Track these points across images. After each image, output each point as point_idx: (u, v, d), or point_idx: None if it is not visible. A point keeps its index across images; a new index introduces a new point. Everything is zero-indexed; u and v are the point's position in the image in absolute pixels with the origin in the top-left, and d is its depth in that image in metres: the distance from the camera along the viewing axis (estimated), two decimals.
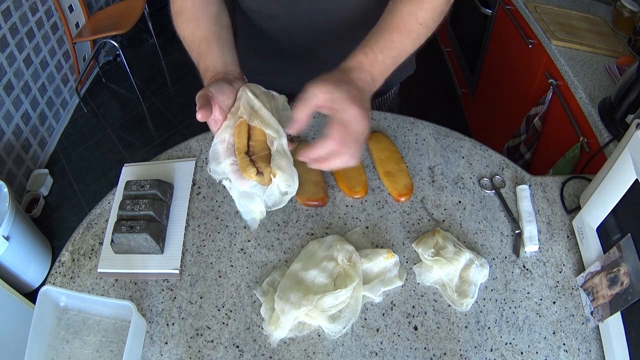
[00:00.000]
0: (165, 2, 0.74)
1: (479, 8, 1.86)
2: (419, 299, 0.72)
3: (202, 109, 0.55)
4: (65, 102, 2.54)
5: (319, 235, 0.79)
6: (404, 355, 0.67)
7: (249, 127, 0.59)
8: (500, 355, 0.67)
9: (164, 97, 2.66)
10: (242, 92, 0.60)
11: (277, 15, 0.82)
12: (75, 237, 0.80)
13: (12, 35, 2.03)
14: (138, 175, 0.87)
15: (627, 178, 0.65)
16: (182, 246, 0.78)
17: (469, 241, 0.78)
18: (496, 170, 0.88)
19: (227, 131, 0.59)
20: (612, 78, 1.23)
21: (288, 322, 0.67)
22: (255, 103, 0.60)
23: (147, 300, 0.73)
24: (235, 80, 0.62)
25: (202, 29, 0.68)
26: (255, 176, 0.56)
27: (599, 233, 0.72)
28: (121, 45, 2.51)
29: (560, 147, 1.31)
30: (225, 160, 0.58)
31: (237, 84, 0.62)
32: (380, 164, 0.87)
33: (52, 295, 0.70)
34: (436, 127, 0.95)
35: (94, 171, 2.29)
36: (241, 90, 0.61)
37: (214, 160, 0.59)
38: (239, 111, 0.59)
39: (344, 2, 0.79)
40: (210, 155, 0.60)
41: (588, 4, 1.56)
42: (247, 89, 0.61)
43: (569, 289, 0.73)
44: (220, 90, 0.59)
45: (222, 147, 0.58)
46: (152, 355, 0.67)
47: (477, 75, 2.11)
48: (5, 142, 2.00)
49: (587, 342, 0.68)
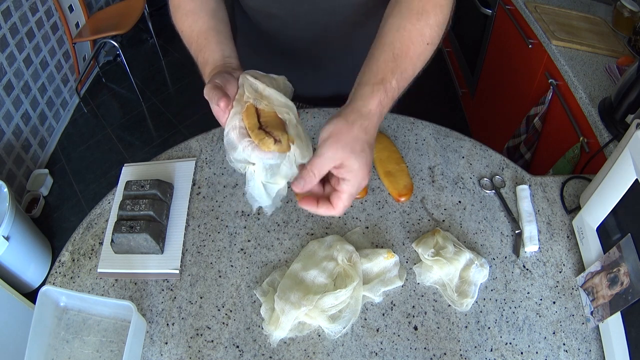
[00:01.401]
0: (165, 2, 0.74)
1: (479, 8, 1.86)
2: (419, 299, 0.72)
3: (224, 98, 0.55)
4: (65, 102, 2.54)
5: (319, 235, 0.79)
6: (404, 355, 0.67)
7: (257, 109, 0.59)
8: (500, 355, 0.67)
9: (164, 97, 2.66)
10: (243, 79, 0.61)
11: (277, 15, 0.82)
12: (75, 237, 0.80)
13: (12, 35, 2.03)
14: (138, 175, 0.87)
15: (627, 178, 0.65)
16: (182, 246, 0.78)
17: (469, 241, 0.78)
18: (496, 170, 0.88)
19: (236, 117, 0.58)
20: (612, 78, 1.23)
21: (288, 322, 0.67)
22: (259, 85, 0.60)
23: (147, 300, 0.73)
24: (235, 71, 0.62)
25: (200, 23, 0.68)
26: (274, 145, 0.55)
27: (599, 233, 0.72)
28: (121, 45, 2.51)
29: (560, 147, 1.31)
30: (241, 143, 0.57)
31: (237, 74, 0.62)
32: (380, 164, 0.87)
33: (52, 295, 0.70)
34: (436, 127, 0.95)
35: (94, 171, 2.29)
36: (241, 77, 0.61)
37: (231, 149, 0.58)
38: (244, 97, 0.59)
39: (345, 2, 0.79)
40: (226, 145, 0.59)
41: (588, 4, 1.56)
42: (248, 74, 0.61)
43: (569, 289, 0.73)
44: (225, 80, 0.59)
45: (235, 133, 0.57)
46: (152, 355, 0.67)
47: (477, 75, 2.11)
48: (5, 142, 2.00)
49: (587, 342, 0.68)
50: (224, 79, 0.60)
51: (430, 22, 0.61)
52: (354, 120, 0.53)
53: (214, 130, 0.95)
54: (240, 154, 0.58)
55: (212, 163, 0.90)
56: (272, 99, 0.59)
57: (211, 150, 0.92)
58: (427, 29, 0.61)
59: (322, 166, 0.52)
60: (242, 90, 0.60)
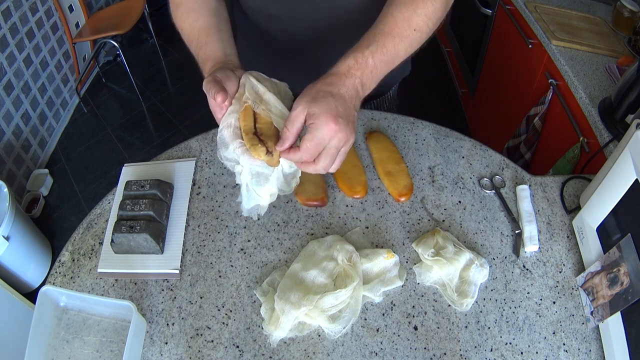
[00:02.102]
0: (165, 2, 0.74)
1: (479, 8, 1.86)
2: (419, 299, 0.72)
3: (221, 92, 0.57)
4: (65, 102, 2.54)
5: (319, 235, 0.79)
6: (404, 355, 0.67)
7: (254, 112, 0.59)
8: (500, 355, 0.67)
9: (164, 97, 2.66)
10: (246, 79, 0.61)
11: (276, 15, 0.82)
12: (75, 237, 0.80)
13: (12, 35, 2.03)
14: (138, 175, 0.87)
15: (627, 178, 0.65)
16: (182, 246, 0.78)
17: (469, 241, 0.78)
18: (496, 170, 0.88)
19: (232, 116, 0.59)
20: (612, 78, 1.23)
21: (288, 322, 0.67)
22: (260, 88, 0.60)
23: (147, 300, 0.73)
24: (236, 69, 0.63)
25: (201, 20, 0.69)
26: (265, 155, 0.56)
27: (599, 233, 0.72)
28: (121, 45, 2.51)
29: (560, 147, 1.31)
30: (232, 143, 0.57)
31: (238, 72, 0.62)
32: (380, 164, 0.87)
33: (52, 295, 0.70)
34: (436, 127, 0.95)
35: (94, 171, 2.29)
36: (244, 76, 0.61)
37: (223, 147, 0.59)
38: (243, 96, 0.59)
39: (345, 2, 0.79)
40: (218, 142, 0.59)
41: (588, 4, 1.56)
42: (250, 75, 0.61)
43: (569, 289, 0.73)
44: (225, 76, 0.60)
45: (229, 131, 0.58)
46: (152, 355, 0.67)
47: (477, 75, 2.11)
48: (5, 142, 2.00)
49: (587, 342, 0.68)
50: (225, 74, 0.60)
51: (419, 12, 0.63)
52: (318, 80, 0.58)
53: (214, 130, 0.95)
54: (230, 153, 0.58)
55: (212, 163, 0.90)
56: (270, 104, 0.60)
57: (211, 150, 0.92)
58: (414, 17, 0.63)
59: (294, 120, 0.56)
60: (242, 89, 0.60)
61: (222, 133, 0.59)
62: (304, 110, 0.55)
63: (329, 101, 0.55)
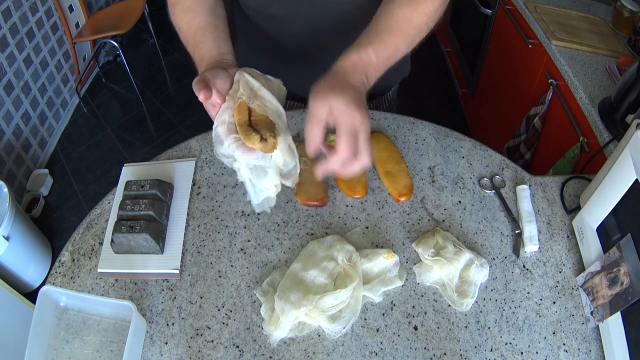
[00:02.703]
0: (165, 1, 0.74)
1: (479, 8, 1.86)
2: (419, 299, 0.72)
3: (203, 90, 0.57)
4: (65, 102, 2.54)
5: (319, 235, 0.79)
6: (404, 355, 0.67)
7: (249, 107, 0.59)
8: (500, 355, 0.67)
9: (164, 97, 2.66)
10: (240, 75, 0.61)
11: (276, 15, 0.82)
12: (75, 237, 0.80)
13: (12, 35, 2.03)
14: (138, 175, 0.87)
15: (627, 178, 0.65)
16: (182, 246, 0.78)
17: (469, 241, 0.78)
18: (496, 170, 0.88)
19: (226, 112, 0.59)
20: (612, 78, 1.23)
21: (288, 322, 0.67)
22: (254, 84, 0.60)
23: (147, 300, 0.73)
24: (230, 67, 0.63)
25: (198, 19, 0.69)
26: (259, 143, 0.56)
27: (599, 233, 0.72)
28: (121, 45, 2.51)
29: (560, 147, 1.31)
30: (227, 139, 0.57)
31: (232, 70, 0.63)
32: (380, 164, 0.87)
33: (52, 295, 0.70)
34: (436, 127, 0.95)
35: (94, 171, 2.29)
36: (238, 73, 0.61)
37: (218, 143, 0.59)
38: (237, 93, 0.60)
39: (345, 2, 0.79)
40: (214, 139, 0.59)
41: (588, 4, 1.56)
42: (244, 72, 0.61)
43: (569, 289, 0.73)
44: (215, 74, 0.60)
45: (223, 127, 0.58)
46: (152, 355, 0.67)
47: (477, 75, 2.11)
48: (5, 142, 2.00)
49: (587, 342, 0.68)
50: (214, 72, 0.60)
51: (419, 10, 0.64)
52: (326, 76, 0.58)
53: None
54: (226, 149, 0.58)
55: (212, 163, 0.90)
56: (265, 100, 0.60)
57: (211, 150, 0.92)
58: (414, 15, 0.64)
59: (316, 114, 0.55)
60: (236, 86, 0.61)
61: (217, 130, 0.59)
62: (324, 104, 0.55)
63: (347, 92, 0.55)
